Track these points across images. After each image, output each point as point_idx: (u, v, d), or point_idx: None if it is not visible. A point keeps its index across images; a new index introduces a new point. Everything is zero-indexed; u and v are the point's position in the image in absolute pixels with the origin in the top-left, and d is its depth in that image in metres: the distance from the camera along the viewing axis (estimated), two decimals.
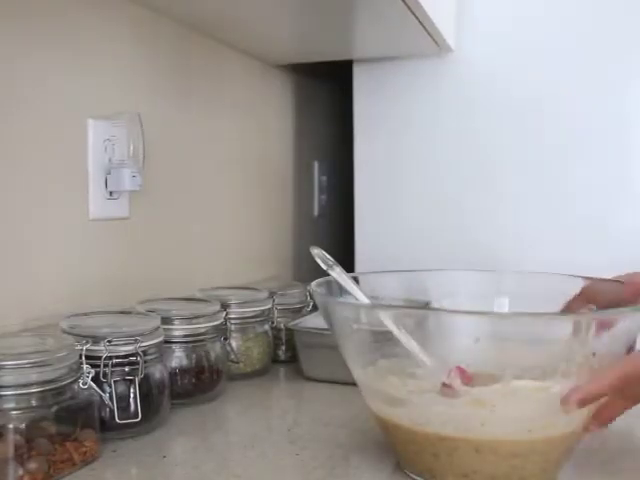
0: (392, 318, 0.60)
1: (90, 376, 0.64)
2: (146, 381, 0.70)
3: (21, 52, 0.77)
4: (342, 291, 0.69)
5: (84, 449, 0.62)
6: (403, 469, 0.63)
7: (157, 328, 0.73)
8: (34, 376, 0.58)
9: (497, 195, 1.23)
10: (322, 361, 0.90)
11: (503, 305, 0.75)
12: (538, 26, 1.20)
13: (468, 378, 0.60)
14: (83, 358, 0.64)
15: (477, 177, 1.25)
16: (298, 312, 1.05)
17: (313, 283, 0.68)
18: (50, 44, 0.81)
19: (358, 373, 0.64)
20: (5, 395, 0.58)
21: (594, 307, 0.67)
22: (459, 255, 1.21)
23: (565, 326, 0.58)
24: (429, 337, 0.61)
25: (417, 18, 1.01)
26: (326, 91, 1.61)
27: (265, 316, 0.96)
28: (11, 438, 0.57)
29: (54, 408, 0.60)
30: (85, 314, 0.75)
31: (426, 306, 0.76)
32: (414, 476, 0.61)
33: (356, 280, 0.72)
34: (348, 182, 1.37)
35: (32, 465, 0.57)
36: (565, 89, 1.19)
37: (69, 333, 0.68)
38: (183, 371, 0.80)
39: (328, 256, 0.70)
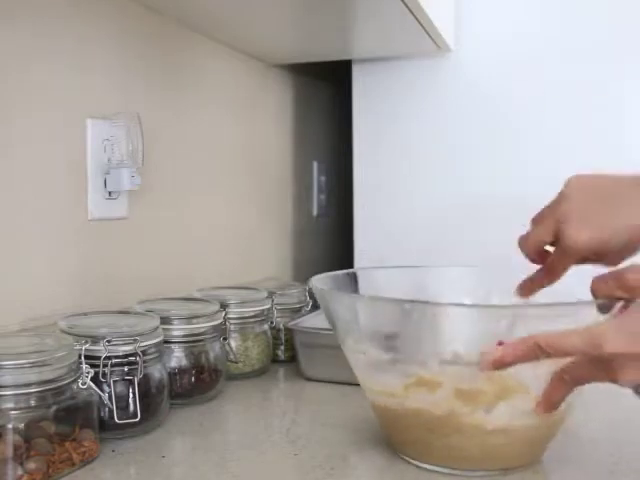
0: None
1: (89, 376, 0.64)
2: (145, 381, 0.70)
3: (20, 52, 0.77)
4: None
5: (83, 449, 0.62)
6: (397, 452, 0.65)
7: (156, 328, 0.73)
8: (33, 376, 0.58)
9: (497, 194, 1.23)
10: (321, 361, 0.90)
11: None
12: (537, 26, 1.20)
13: None
14: (82, 358, 0.64)
15: (476, 176, 1.25)
16: (297, 312, 1.05)
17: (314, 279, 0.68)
18: (49, 44, 0.81)
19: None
20: (4, 395, 0.58)
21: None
22: (459, 254, 1.21)
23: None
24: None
25: (416, 18, 1.01)
26: (325, 91, 1.61)
27: (264, 316, 0.96)
28: (10, 438, 0.57)
29: (53, 408, 0.60)
30: (84, 314, 0.75)
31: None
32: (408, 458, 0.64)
33: (355, 276, 0.72)
34: (347, 182, 1.37)
35: (31, 465, 0.57)
36: (564, 88, 1.19)
37: (68, 333, 0.68)
38: (182, 371, 0.80)
39: None
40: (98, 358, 0.67)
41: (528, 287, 0.68)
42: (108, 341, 0.67)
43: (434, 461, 0.62)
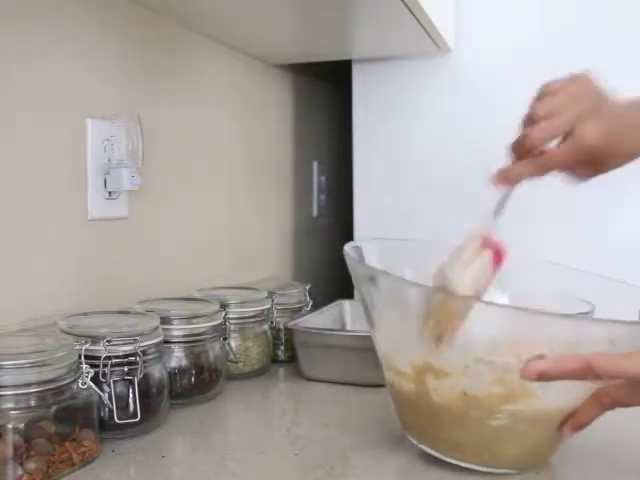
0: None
1: (89, 376, 0.64)
2: (145, 381, 0.70)
3: (20, 52, 0.77)
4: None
5: (83, 449, 0.62)
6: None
7: (156, 328, 0.73)
8: (33, 376, 0.58)
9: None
10: (321, 361, 0.90)
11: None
12: (537, 26, 1.20)
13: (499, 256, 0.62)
14: (82, 358, 0.64)
15: (477, 177, 1.24)
16: (297, 312, 1.05)
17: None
18: (49, 44, 0.81)
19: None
20: (4, 395, 0.58)
21: None
22: None
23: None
24: None
25: (416, 18, 1.01)
26: (325, 91, 1.61)
27: (264, 316, 0.96)
28: (10, 438, 0.57)
29: (53, 408, 0.60)
30: (84, 314, 0.75)
31: None
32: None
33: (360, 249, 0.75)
34: (347, 182, 1.37)
35: (31, 465, 0.57)
36: None
37: (68, 333, 0.68)
38: (182, 371, 0.80)
39: None
40: (98, 358, 0.67)
41: (507, 175, 0.72)
42: (108, 341, 0.67)
43: (433, 446, 0.62)
